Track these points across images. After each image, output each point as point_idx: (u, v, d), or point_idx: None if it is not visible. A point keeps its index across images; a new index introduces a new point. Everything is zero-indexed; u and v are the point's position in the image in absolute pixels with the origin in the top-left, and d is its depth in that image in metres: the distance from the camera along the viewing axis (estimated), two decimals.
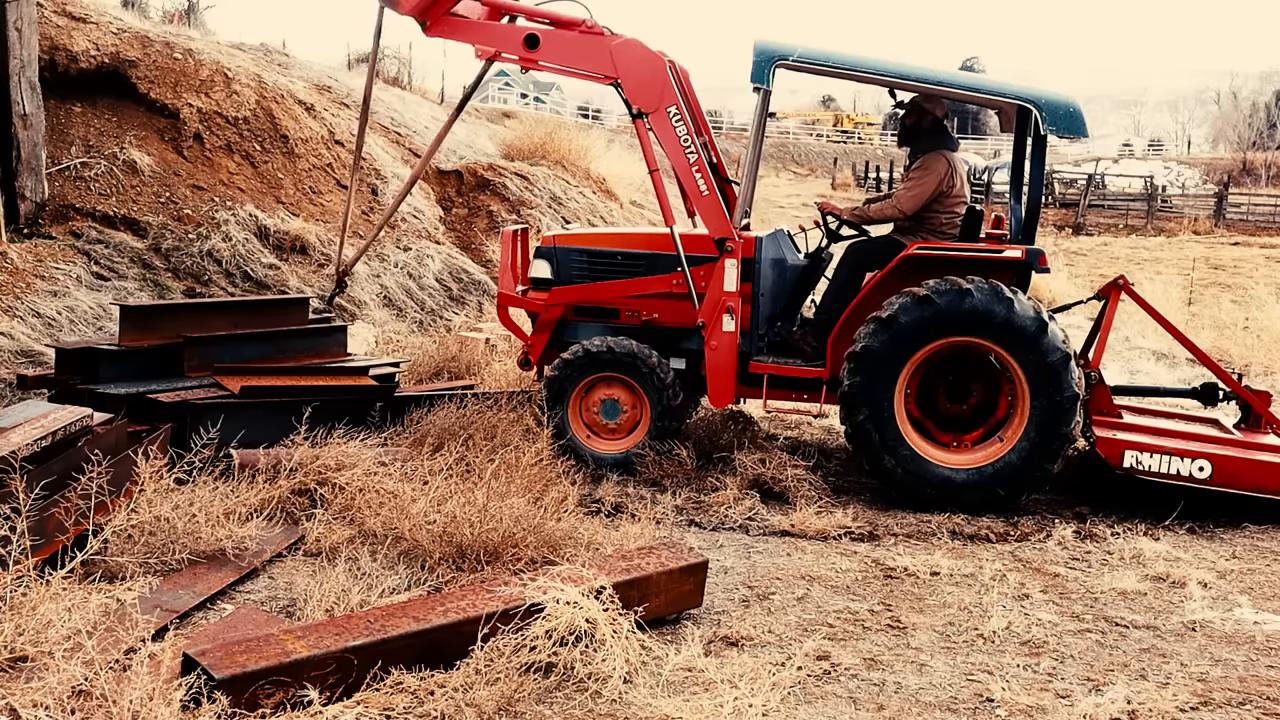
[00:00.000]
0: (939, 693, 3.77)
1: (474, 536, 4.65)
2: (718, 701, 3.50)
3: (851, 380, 6.03)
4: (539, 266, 6.95)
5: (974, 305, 5.87)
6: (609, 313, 6.83)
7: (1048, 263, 6.26)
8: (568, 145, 16.23)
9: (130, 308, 6.38)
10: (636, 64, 6.38)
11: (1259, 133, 62.12)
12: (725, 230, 6.37)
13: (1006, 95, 6.36)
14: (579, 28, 6.45)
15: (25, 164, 8.79)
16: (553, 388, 6.51)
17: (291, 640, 3.43)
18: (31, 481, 4.04)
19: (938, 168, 6.54)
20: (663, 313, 6.71)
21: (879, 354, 5.98)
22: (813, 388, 6.56)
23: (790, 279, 6.77)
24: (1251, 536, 5.82)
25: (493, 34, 6.51)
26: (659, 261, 6.71)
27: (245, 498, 5.00)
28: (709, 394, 6.52)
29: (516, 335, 7.30)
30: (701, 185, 6.38)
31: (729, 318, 6.36)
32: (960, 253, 6.22)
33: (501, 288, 7.08)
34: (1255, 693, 3.84)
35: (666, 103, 6.37)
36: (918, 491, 6.06)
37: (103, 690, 3.07)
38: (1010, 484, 6.00)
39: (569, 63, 6.48)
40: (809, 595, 4.73)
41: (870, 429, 6.03)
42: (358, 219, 11.42)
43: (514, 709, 3.46)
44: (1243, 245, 26.68)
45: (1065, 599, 4.79)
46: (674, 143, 6.39)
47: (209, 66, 11.14)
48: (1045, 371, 5.87)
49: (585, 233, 7.30)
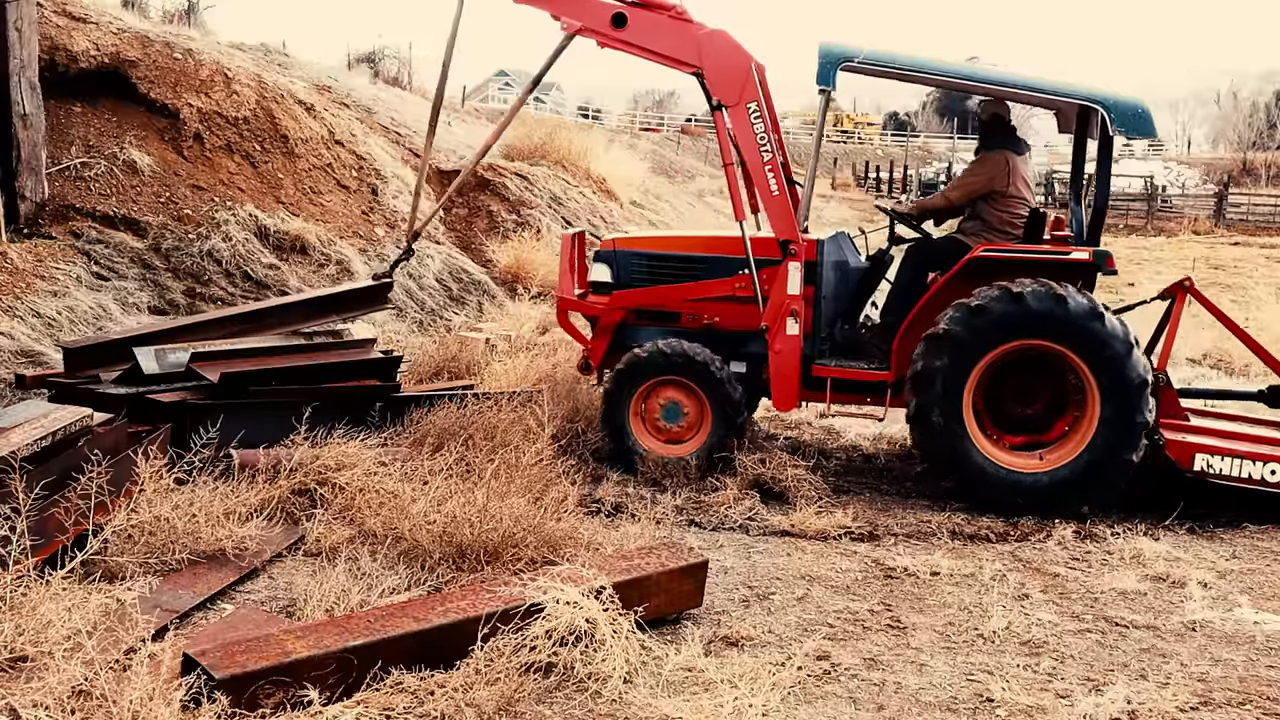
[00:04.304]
0: (939, 693, 3.77)
1: (474, 536, 4.65)
2: (718, 701, 3.50)
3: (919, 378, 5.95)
4: (599, 270, 6.91)
5: (1046, 309, 5.79)
6: (670, 316, 6.78)
7: (1115, 265, 6.20)
8: (568, 145, 16.23)
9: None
10: (722, 55, 6.30)
11: (1259, 133, 62.09)
12: (791, 232, 6.29)
13: (1075, 96, 6.31)
14: (669, 12, 6.36)
15: (25, 164, 8.79)
16: (616, 388, 6.46)
17: (291, 640, 3.43)
18: (31, 481, 4.04)
19: (993, 166, 6.51)
20: (724, 316, 6.65)
21: (953, 349, 5.89)
22: (876, 391, 6.49)
23: (852, 281, 6.73)
24: (1251, 536, 5.81)
25: (582, 8, 6.37)
26: (720, 265, 6.66)
27: (245, 498, 4.99)
28: (773, 398, 6.45)
29: (576, 339, 7.26)
30: (773, 185, 6.30)
31: (793, 321, 6.29)
32: (1027, 254, 6.18)
33: (561, 292, 7.05)
34: (1255, 693, 3.84)
35: (748, 98, 6.28)
36: (976, 490, 5.99)
37: (103, 690, 3.07)
38: (1072, 490, 5.92)
39: (654, 46, 6.36)
40: (809, 595, 4.73)
41: (938, 428, 5.96)
42: (357, 220, 11.42)
43: (514, 709, 3.46)
44: (1242, 245, 26.67)
45: (1065, 599, 4.79)
46: (750, 139, 6.30)
47: (209, 66, 11.14)
48: (1114, 376, 5.79)
49: (646, 236, 7.27)
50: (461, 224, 13.09)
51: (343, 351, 6.92)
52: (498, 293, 11.59)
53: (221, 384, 5.88)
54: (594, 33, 6.37)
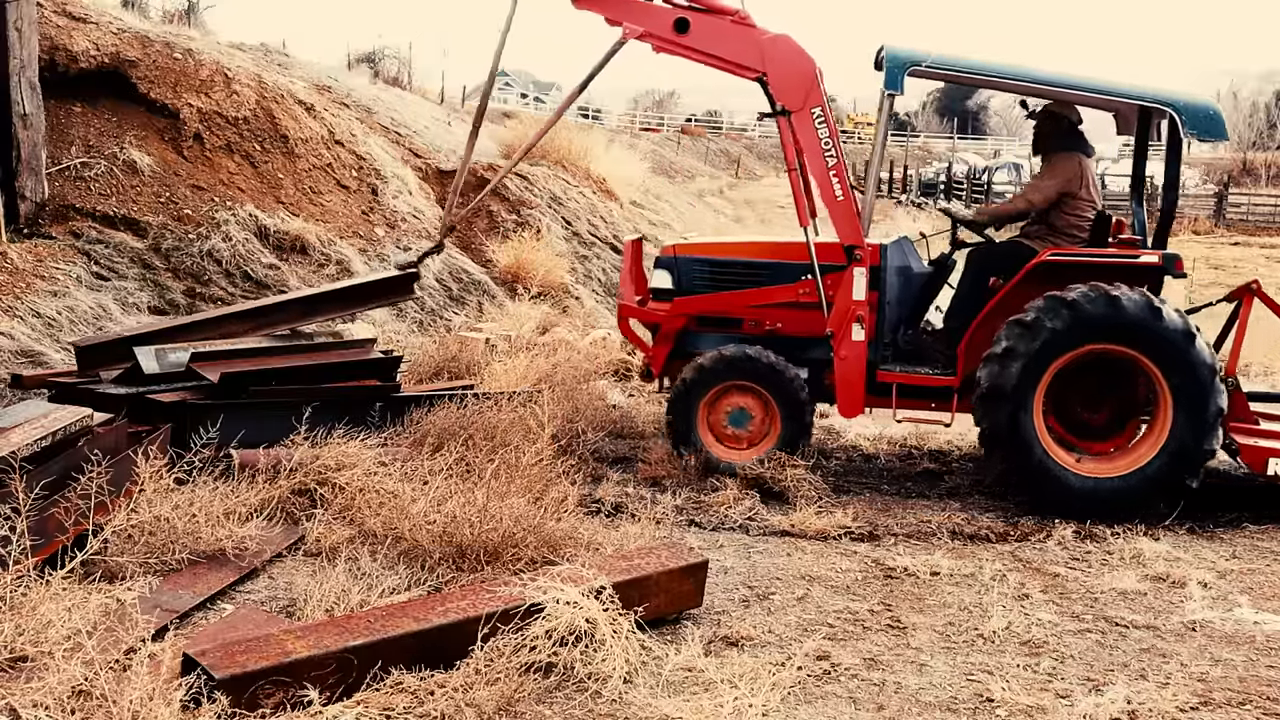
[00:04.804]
0: (939, 693, 3.77)
1: (474, 536, 4.65)
2: (718, 701, 3.50)
3: (991, 381, 5.91)
4: (660, 277, 6.88)
5: (1125, 314, 5.77)
6: (732, 322, 6.76)
7: (1184, 268, 6.18)
8: (568, 145, 16.21)
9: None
10: (787, 60, 6.25)
11: (1259, 133, 62.02)
12: (857, 238, 6.26)
13: (1145, 98, 6.30)
14: (731, 17, 6.30)
15: (25, 164, 8.79)
16: (684, 395, 6.42)
17: (291, 640, 3.43)
18: (31, 481, 4.03)
19: (1067, 168, 6.48)
20: (787, 322, 6.63)
21: (1024, 355, 5.85)
22: (942, 396, 6.47)
23: (915, 286, 6.71)
24: (1251, 536, 5.82)
25: (643, 13, 6.31)
26: (781, 271, 6.65)
27: (245, 498, 4.99)
28: (838, 404, 6.43)
29: (637, 346, 7.26)
30: (838, 190, 6.25)
31: (858, 327, 6.26)
32: (1094, 258, 6.16)
33: (622, 299, 7.07)
34: (1255, 693, 3.84)
35: (812, 103, 6.24)
36: (1048, 497, 5.94)
37: (103, 690, 3.07)
38: (1146, 495, 5.89)
39: (717, 51, 6.29)
40: (809, 595, 4.73)
41: (1007, 431, 5.92)
42: (357, 220, 11.42)
43: (514, 709, 3.46)
44: (1243, 245, 26.69)
45: (1065, 599, 4.79)
46: (815, 144, 6.26)
47: (209, 66, 11.14)
48: (1191, 385, 5.77)
49: (707, 242, 7.24)
50: (461, 224, 13.06)
51: (343, 351, 6.93)
52: (498, 293, 11.59)
53: (221, 384, 5.88)
54: (655, 38, 6.29)
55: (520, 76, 67.53)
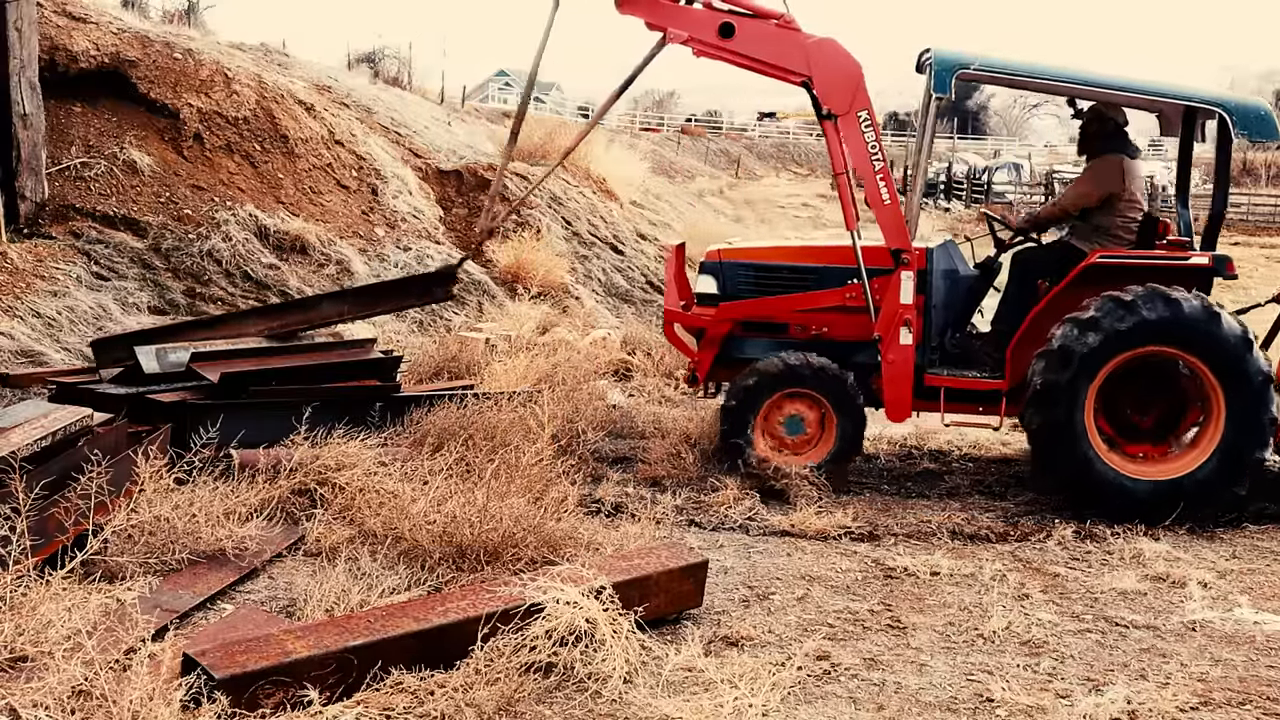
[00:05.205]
0: (939, 693, 3.78)
1: (474, 536, 4.65)
2: (718, 701, 3.50)
3: (1045, 377, 5.88)
4: (705, 282, 6.86)
5: (1184, 317, 5.75)
6: (777, 327, 6.74)
7: (1235, 269, 6.16)
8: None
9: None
10: (832, 64, 6.22)
11: None
12: (904, 241, 6.25)
13: (1194, 99, 6.29)
14: (776, 21, 6.27)
15: (25, 164, 8.78)
16: (742, 402, 6.38)
17: (291, 640, 3.43)
18: (31, 481, 4.04)
19: (1110, 170, 6.46)
20: (833, 326, 6.62)
21: (1079, 353, 5.82)
22: (990, 400, 6.45)
23: (962, 290, 6.70)
24: (1251, 536, 5.82)
25: (687, 18, 6.29)
26: (827, 275, 6.63)
27: (245, 498, 4.99)
28: (886, 408, 6.42)
29: (683, 352, 7.25)
30: (884, 193, 6.22)
31: (906, 330, 6.25)
32: (1144, 260, 6.13)
33: (666, 304, 7.06)
34: (1255, 693, 3.84)
35: (859, 106, 6.22)
36: (1096, 498, 5.92)
37: (103, 690, 3.07)
38: (1194, 500, 5.87)
39: (761, 55, 6.26)
40: (809, 595, 4.74)
41: (1057, 432, 5.90)
42: (357, 220, 11.42)
43: (514, 709, 3.46)
44: (1243, 245, 26.63)
45: (1065, 599, 4.79)
46: (861, 148, 6.24)
47: (209, 66, 11.14)
48: (1245, 392, 5.75)
49: (751, 247, 7.20)
50: (461, 224, 13.08)
51: (343, 351, 6.94)
52: (498, 293, 11.58)
53: (221, 384, 5.89)
54: (699, 43, 6.26)
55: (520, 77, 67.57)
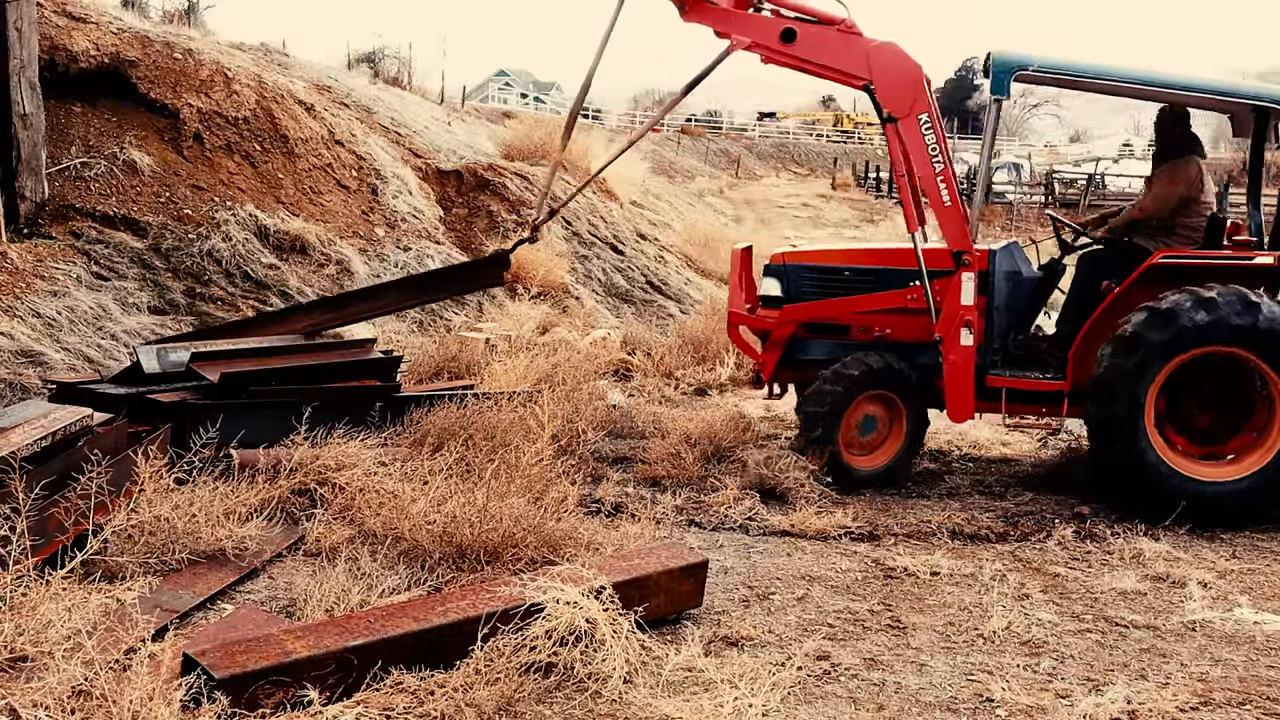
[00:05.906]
0: (939, 693, 3.77)
1: (474, 536, 4.65)
2: (718, 701, 3.50)
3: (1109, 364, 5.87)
4: (769, 285, 6.94)
5: (1261, 319, 5.75)
6: (840, 329, 6.80)
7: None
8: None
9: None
10: (893, 68, 6.26)
11: None
12: (965, 243, 6.28)
13: (1264, 99, 6.29)
14: (838, 26, 6.33)
15: (25, 164, 8.78)
16: (832, 405, 6.40)
17: (291, 640, 3.43)
18: (31, 481, 4.04)
19: (1188, 172, 6.46)
20: (895, 328, 6.67)
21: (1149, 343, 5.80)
22: (1052, 401, 6.46)
23: (1024, 292, 6.72)
24: (1251, 536, 5.81)
25: (752, 25, 6.35)
26: (889, 277, 6.68)
27: (245, 498, 5.00)
28: (948, 409, 6.45)
29: (747, 354, 7.31)
30: (945, 196, 6.26)
31: (966, 331, 6.27)
32: (1208, 260, 6.14)
33: (731, 306, 7.12)
34: (1255, 693, 3.84)
35: (919, 109, 6.25)
36: (1149, 495, 5.91)
37: (103, 690, 3.07)
38: (1259, 501, 5.87)
39: (823, 60, 6.33)
40: (809, 595, 4.73)
41: (1118, 428, 5.89)
42: (357, 220, 11.42)
43: (514, 709, 3.46)
44: None
45: (1065, 599, 4.79)
46: (922, 151, 6.27)
47: (209, 66, 11.14)
48: None
49: (815, 250, 7.29)
50: (461, 224, 13.09)
51: (343, 351, 6.95)
52: (498, 292, 11.58)
53: (221, 384, 5.89)
54: (763, 48, 6.33)
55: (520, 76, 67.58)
